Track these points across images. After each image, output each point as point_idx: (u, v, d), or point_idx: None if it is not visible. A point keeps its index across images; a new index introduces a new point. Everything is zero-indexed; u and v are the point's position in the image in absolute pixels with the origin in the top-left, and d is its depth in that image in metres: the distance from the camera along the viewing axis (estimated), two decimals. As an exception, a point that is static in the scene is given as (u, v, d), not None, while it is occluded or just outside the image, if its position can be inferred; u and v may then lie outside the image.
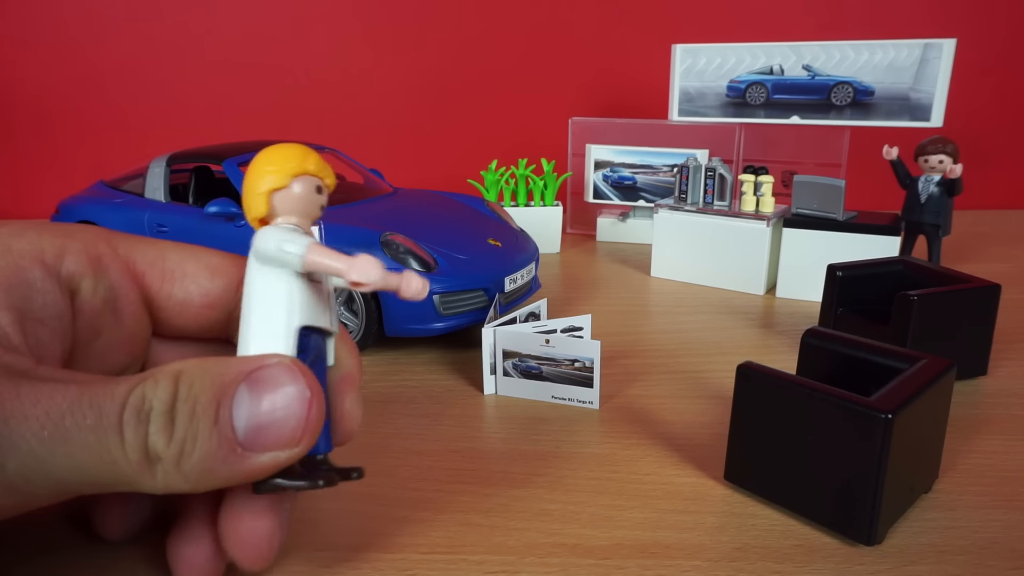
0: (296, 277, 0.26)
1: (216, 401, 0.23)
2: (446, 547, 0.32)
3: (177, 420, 0.23)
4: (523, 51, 1.16)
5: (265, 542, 0.27)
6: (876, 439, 0.30)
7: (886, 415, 0.30)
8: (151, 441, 0.23)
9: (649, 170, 0.92)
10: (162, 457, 0.23)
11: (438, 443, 0.42)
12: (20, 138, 1.17)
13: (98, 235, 0.29)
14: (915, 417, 0.32)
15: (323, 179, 0.27)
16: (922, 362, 0.35)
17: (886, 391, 0.32)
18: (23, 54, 1.13)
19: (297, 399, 0.24)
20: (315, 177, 0.27)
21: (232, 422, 0.23)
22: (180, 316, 0.30)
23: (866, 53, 0.81)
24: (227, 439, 0.23)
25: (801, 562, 0.31)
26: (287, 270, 0.26)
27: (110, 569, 0.31)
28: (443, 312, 0.53)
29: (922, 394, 0.32)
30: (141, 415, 0.23)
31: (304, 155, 0.26)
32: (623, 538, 0.33)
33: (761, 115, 0.87)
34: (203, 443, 0.23)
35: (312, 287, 0.26)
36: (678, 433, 0.43)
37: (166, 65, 1.14)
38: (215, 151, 0.66)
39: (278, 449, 0.24)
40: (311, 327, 0.26)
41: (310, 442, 0.25)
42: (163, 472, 0.23)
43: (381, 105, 1.18)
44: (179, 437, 0.23)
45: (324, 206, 0.27)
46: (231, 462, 0.23)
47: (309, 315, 0.26)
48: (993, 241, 0.93)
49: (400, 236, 0.55)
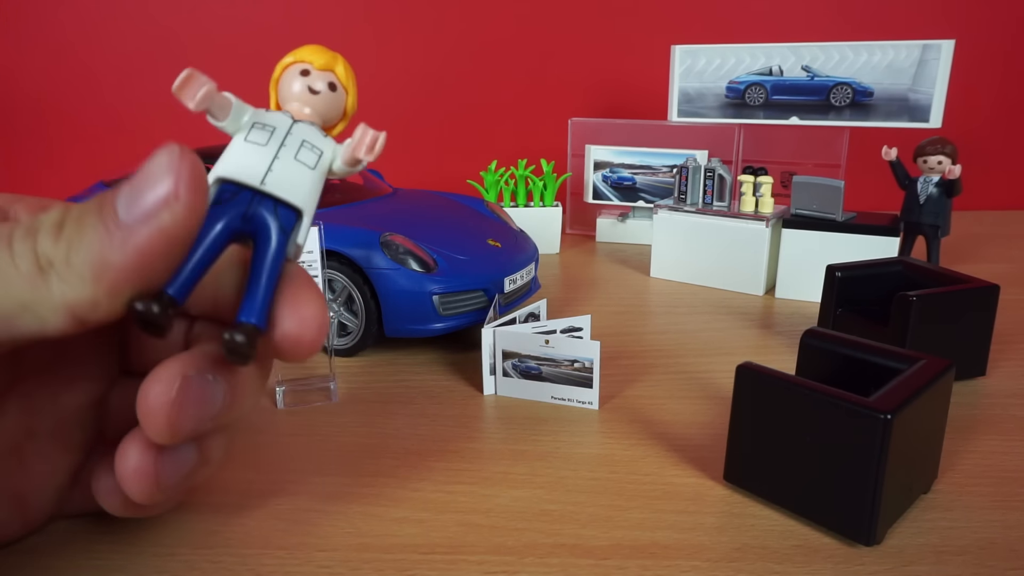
0: (239, 137, 0.28)
1: (101, 201, 0.24)
2: (446, 547, 0.32)
3: (65, 224, 0.24)
4: (523, 51, 1.16)
5: (145, 477, 0.27)
6: (875, 439, 0.30)
7: (885, 415, 0.30)
8: (40, 246, 0.23)
9: (648, 171, 0.92)
10: (52, 260, 0.23)
11: (438, 443, 0.42)
12: (19, 139, 1.17)
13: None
14: (914, 417, 0.32)
15: (308, 62, 0.29)
16: (921, 362, 0.35)
17: (885, 391, 0.32)
18: (22, 54, 1.13)
19: (167, 156, 0.24)
20: (299, 63, 0.29)
21: (115, 207, 0.24)
22: None
23: (865, 54, 0.81)
24: (111, 220, 0.23)
25: (800, 562, 0.31)
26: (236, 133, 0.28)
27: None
28: (443, 312, 0.53)
29: (921, 394, 0.32)
30: (30, 231, 0.24)
31: (297, 50, 0.29)
32: (622, 538, 0.33)
33: (760, 116, 0.87)
34: (89, 233, 0.23)
35: (252, 149, 0.27)
36: (678, 433, 0.43)
37: (165, 65, 1.14)
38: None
39: (158, 210, 0.23)
40: (233, 181, 0.27)
41: (190, 197, 0.24)
42: (57, 279, 0.23)
43: (381, 105, 1.18)
44: (66, 235, 0.23)
45: (315, 87, 0.29)
46: (119, 242, 0.23)
47: (234, 170, 0.27)
48: (992, 242, 0.93)
49: (400, 236, 0.55)
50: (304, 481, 0.38)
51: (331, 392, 0.48)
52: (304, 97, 0.29)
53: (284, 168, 0.28)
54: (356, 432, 0.43)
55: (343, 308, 0.55)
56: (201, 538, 0.33)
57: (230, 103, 0.27)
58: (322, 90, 0.29)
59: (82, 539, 0.33)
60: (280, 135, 0.28)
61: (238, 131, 0.28)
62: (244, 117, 0.28)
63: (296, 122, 0.28)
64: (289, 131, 0.28)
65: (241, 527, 0.34)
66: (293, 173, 0.28)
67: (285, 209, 0.27)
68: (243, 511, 0.35)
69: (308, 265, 0.46)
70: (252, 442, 0.42)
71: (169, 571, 0.31)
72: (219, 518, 0.35)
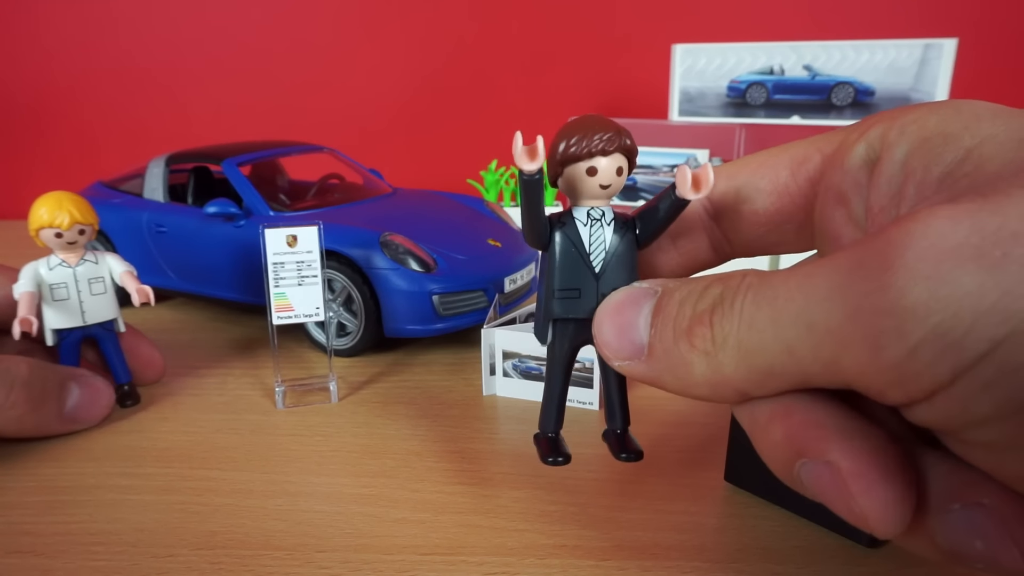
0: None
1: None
2: (446, 548, 0.32)
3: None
4: (523, 51, 1.16)
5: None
6: (877, 440, 0.30)
7: (887, 416, 0.30)
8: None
9: (649, 170, 0.92)
10: None
11: (438, 444, 0.42)
12: (17, 139, 1.17)
13: None
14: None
15: (58, 227, 0.43)
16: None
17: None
18: (20, 54, 1.13)
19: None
20: (51, 228, 0.43)
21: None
22: None
23: (867, 53, 0.81)
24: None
25: (801, 563, 0.31)
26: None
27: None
28: (443, 313, 0.53)
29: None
30: None
31: (38, 212, 0.43)
32: (623, 539, 0.33)
33: (761, 115, 0.87)
34: None
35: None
36: (678, 434, 0.43)
37: (164, 65, 1.14)
38: (214, 151, 0.66)
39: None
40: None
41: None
42: None
43: (381, 105, 1.18)
44: None
45: (72, 241, 0.44)
46: None
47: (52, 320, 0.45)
48: (993, 241, 0.93)
49: (400, 236, 0.55)
50: (304, 481, 0.38)
51: (331, 392, 0.48)
52: (69, 250, 0.45)
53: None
54: (356, 432, 0.43)
55: (343, 308, 0.55)
56: (201, 538, 0.33)
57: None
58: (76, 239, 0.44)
59: (82, 539, 0.33)
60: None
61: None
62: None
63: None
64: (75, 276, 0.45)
65: (241, 527, 0.34)
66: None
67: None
68: (243, 511, 0.35)
69: (308, 265, 0.46)
70: (252, 442, 0.42)
71: (169, 571, 0.31)
72: (219, 518, 0.35)
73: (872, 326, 0.17)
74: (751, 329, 0.20)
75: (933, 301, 0.16)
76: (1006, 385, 0.16)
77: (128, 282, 0.45)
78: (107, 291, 0.46)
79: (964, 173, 0.19)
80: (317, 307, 0.46)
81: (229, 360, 0.55)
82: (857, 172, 0.24)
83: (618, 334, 0.24)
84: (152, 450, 0.42)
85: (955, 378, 0.16)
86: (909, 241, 0.16)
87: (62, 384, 0.42)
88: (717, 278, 0.22)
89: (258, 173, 0.70)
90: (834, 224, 0.25)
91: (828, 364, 0.18)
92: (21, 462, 0.40)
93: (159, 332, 0.60)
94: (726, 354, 0.20)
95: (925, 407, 0.17)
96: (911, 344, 0.16)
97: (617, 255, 0.26)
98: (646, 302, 0.23)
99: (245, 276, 0.59)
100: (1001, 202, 0.16)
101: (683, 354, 0.21)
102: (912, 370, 0.16)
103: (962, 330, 0.16)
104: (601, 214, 0.26)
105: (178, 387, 0.50)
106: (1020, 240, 0.15)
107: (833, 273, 0.18)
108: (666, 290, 0.23)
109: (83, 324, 0.45)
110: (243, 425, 0.44)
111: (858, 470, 0.19)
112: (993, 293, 0.15)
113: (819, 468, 0.20)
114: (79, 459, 0.41)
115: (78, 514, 0.35)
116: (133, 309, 0.60)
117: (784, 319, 0.19)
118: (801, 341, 0.19)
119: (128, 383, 0.47)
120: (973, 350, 0.16)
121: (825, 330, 0.18)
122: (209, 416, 0.46)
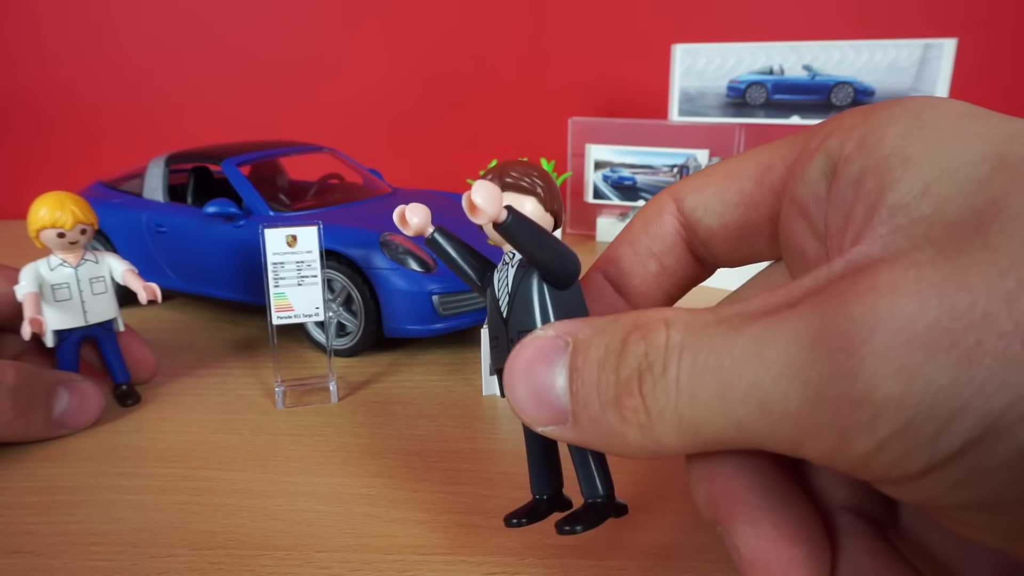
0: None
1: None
2: (446, 548, 0.32)
3: None
4: (523, 51, 1.16)
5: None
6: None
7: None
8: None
9: (649, 170, 0.92)
10: None
11: (438, 444, 0.42)
12: (17, 139, 1.17)
13: None
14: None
15: (61, 226, 0.43)
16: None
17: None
18: (20, 54, 1.13)
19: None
20: (53, 228, 0.43)
21: None
22: None
23: (866, 53, 0.81)
24: None
25: (802, 563, 0.31)
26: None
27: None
28: (442, 313, 0.53)
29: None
30: None
31: (39, 213, 0.43)
32: (624, 539, 0.33)
33: (761, 115, 0.87)
34: None
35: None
36: (678, 434, 0.43)
37: (164, 65, 1.14)
38: (214, 151, 0.66)
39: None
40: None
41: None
42: None
43: (381, 105, 1.18)
44: None
45: (74, 240, 0.44)
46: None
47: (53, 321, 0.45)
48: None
49: (399, 236, 0.55)
50: (304, 481, 0.38)
51: (331, 392, 0.48)
52: (70, 249, 0.45)
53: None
54: (356, 432, 0.43)
55: (343, 308, 0.55)
56: (201, 538, 0.33)
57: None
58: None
59: (82, 539, 0.33)
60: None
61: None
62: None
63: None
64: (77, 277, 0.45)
65: (241, 527, 0.34)
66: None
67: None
68: (243, 511, 0.35)
69: (308, 265, 0.46)
70: (252, 442, 0.42)
71: (169, 571, 0.31)
72: (218, 518, 0.34)
73: (838, 416, 0.16)
74: (693, 403, 0.18)
75: (907, 396, 0.15)
76: (979, 484, 0.15)
77: (132, 281, 0.45)
78: (108, 290, 0.46)
79: (921, 216, 0.17)
80: (317, 307, 0.46)
81: (229, 360, 0.55)
82: (816, 184, 0.22)
83: (535, 400, 0.21)
84: (152, 450, 0.42)
85: (926, 472, 0.16)
86: (874, 323, 0.15)
87: (50, 390, 0.42)
88: (635, 327, 0.19)
89: (258, 173, 0.70)
90: (797, 238, 0.24)
91: (786, 443, 0.17)
92: (20, 462, 0.40)
93: (159, 332, 0.60)
94: (664, 427, 0.18)
95: (891, 488, 0.17)
96: (881, 438, 0.15)
97: (520, 293, 0.24)
98: (558, 358, 0.21)
99: (245, 276, 0.59)
100: (967, 271, 0.15)
101: (613, 425, 0.19)
102: (881, 462, 0.16)
103: (935, 428, 0.15)
104: (513, 255, 0.25)
105: (178, 387, 0.50)
106: (992, 323, 0.14)
107: (788, 346, 0.16)
108: (577, 344, 0.20)
109: (85, 324, 0.46)
110: (243, 425, 0.44)
111: (754, 559, 0.20)
112: (967, 390, 0.14)
113: (728, 540, 0.21)
114: (78, 459, 0.41)
115: (77, 514, 0.35)
116: (132, 309, 0.60)
117: (732, 396, 0.17)
118: (754, 420, 0.17)
119: (127, 383, 0.48)
120: (946, 449, 0.15)
121: (782, 413, 0.17)
122: (209, 416, 0.46)
